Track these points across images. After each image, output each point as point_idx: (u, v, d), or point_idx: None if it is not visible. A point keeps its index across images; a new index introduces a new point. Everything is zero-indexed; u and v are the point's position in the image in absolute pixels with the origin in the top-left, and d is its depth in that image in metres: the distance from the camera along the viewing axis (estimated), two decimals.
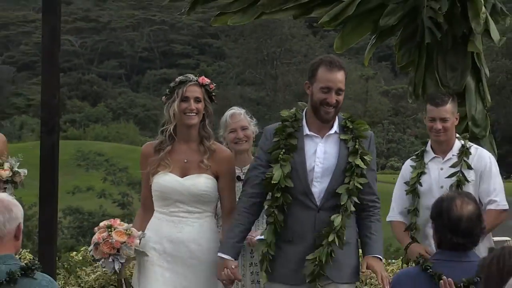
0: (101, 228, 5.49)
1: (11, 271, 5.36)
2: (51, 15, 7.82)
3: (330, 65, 5.63)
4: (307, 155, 5.70)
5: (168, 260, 5.78)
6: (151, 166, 5.89)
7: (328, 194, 5.69)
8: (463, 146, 7.02)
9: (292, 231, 5.70)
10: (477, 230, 5.41)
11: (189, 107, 5.79)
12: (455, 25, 7.08)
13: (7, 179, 7.14)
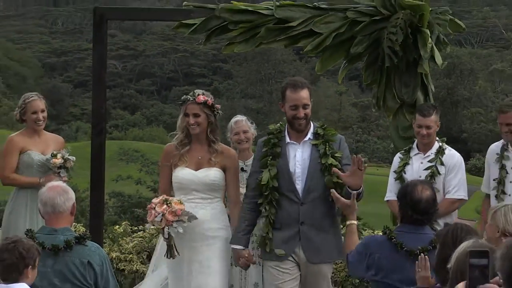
0: (158, 203, 5.42)
1: (68, 239, 5.43)
2: (100, 45, 7.83)
3: (294, 87, 5.61)
4: (290, 159, 5.65)
5: (186, 238, 5.68)
6: (174, 159, 5.86)
7: (307, 190, 5.63)
8: (440, 147, 7.04)
9: (281, 221, 5.62)
10: (432, 210, 5.45)
11: (189, 122, 5.77)
12: (408, 52, 7.08)
13: (60, 165, 7.21)
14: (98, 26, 7.91)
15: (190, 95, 5.93)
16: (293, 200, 5.60)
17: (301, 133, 5.63)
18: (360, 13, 7.20)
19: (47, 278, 5.38)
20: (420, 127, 6.85)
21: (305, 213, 5.56)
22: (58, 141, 7.64)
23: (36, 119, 7.37)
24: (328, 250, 5.60)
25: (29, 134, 7.44)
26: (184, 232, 5.49)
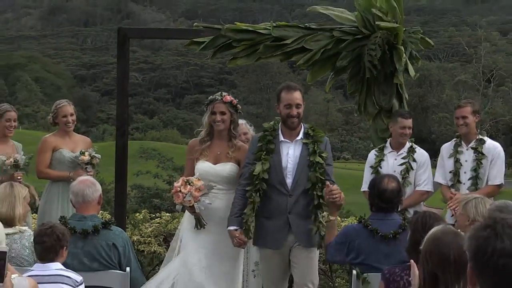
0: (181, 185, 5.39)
1: (95, 225, 5.48)
2: (123, 60, 7.82)
3: (288, 88, 5.60)
4: (282, 156, 5.58)
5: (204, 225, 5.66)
6: (196, 153, 5.81)
7: (296, 183, 5.57)
8: (411, 146, 7.10)
9: (271, 210, 5.55)
10: (396, 200, 5.49)
11: (216, 119, 5.73)
12: (386, 65, 7.08)
13: (88, 162, 7.22)
14: (122, 43, 7.91)
15: (217, 95, 5.93)
16: (282, 192, 5.53)
17: (294, 132, 5.58)
18: (344, 33, 7.21)
19: (78, 258, 5.42)
20: (404, 128, 6.96)
21: (292, 204, 5.50)
22: (86, 141, 7.65)
23: (66, 122, 7.37)
24: (314, 235, 5.51)
25: (61, 135, 7.44)
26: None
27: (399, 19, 7.12)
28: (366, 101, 7.39)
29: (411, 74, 7.26)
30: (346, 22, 7.31)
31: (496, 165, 7.01)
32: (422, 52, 7.59)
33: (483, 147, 6.99)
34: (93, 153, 7.29)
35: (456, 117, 7.17)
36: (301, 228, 5.49)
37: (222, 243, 5.64)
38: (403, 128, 6.96)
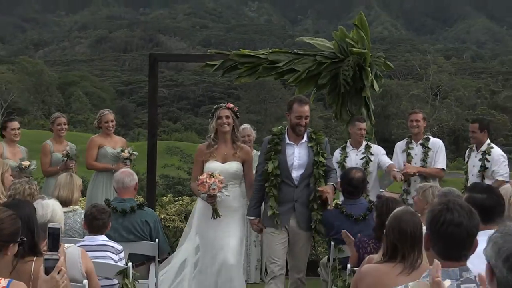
0: (206, 177, 5.21)
1: (132, 206, 5.49)
2: (153, 78, 7.82)
3: (300, 102, 5.43)
4: (287, 155, 5.44)
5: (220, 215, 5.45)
6: (205, 156, 5.62)
7: (302, 178, 5.45)
8: (367, 144, 7.15)
9: (280, 199, 5.42)
10: (361, 185, 5.61)
11: (222, 122, 5.55)
12: (356, 82, 7.08)
13: (127, 158, 7.22)
14: (152, 65, 7.91)
15: (221, 103, 5.75)
16: (289, 184, 5.41)
17: (299, 137, 5.46)
18: (324, 57, 7.21)
19: (118, 232, 5.42)
20: (360, 130, 7.04)
21: (298, 194, 5.40)
22: (123, 141, 7.69)
23: (107, 126, 7.38)
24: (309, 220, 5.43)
25: (104, 136, 7.44)
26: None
27: (367, 47, 7.12)
28: (341, 110, 7.40)
29: (376, 89, 7.27)
30: (326, 49, 7.30)
31: (440, 155, 7.19)
32: (384, 72, 7.58)
33: (429, 143, 7.20)
34: (131, 151, 7.32)
35: (410, 120, 7.38)
36: (303, 214, 5.40)
37: (230, 224, 5.50)
38: (360, 130, 7.03)
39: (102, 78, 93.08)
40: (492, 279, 2.18)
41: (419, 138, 7.22)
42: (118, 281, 4.71)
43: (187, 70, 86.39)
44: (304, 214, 5.41)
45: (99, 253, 4.77)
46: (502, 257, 2.12)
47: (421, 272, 3.19)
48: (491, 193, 3.60)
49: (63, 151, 7.24)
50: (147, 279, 5.40)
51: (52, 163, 7.27)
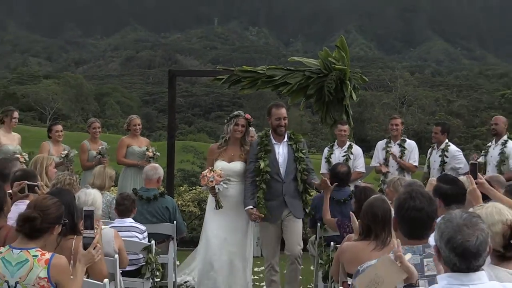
0: (207, 172, 5.01)
1: (155, 194, 5.49)
2: (172, 90, 7.82)
3: (277, 106, 5.24)
4: (275, 154, 5.18)
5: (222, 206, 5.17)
6: (215, 155, 5.34)
7: (287, 173, 5.14)
8: (350, 144, 7.13)
9: (270, 194, 5.11)
10: (346, 178, 5.53)
11: (238, 129, 5.25)
12: (338, 93, 7.05)
13: (151, 156, 7.17)
14: (171, 79, 7.90)
15: (241, 112, 5.44)
16: (278, 180, 5.08)
17: (281, 137, 5.21)
18: (312, 72, 7.18)
19: (143, 215, 5.40)
20: (341, 131, 7.07)
21: (286, 188, 5.13)
22: (147, 141, 7.63)
23: (134, 129, 7.36)
24: (301, 209, 5.20)
25: (132, 137, 7.40)
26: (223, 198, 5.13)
27: (346, 64, 7.09)
28: (326, 116, 7.36)
29: (354, 99, 7.23)
30: (313, 66, 7.27)
31: (414, 154, 7.23)
32: (361, 84, 7.55)
33: (405, 143, 7.25)
34: (155, 151, 7.30)
35: (391, 124, 7.47)
36: (293, 204, 5.14)
37: (236, 220, 5.26)
38: (340, 131, 7.08)
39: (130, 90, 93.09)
40: (439, 258, 2.22)
41: (397, 139, 7.28)
42: (143, 255, 4.72)
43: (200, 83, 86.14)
44: (294, 204, 5.13)
45: (127, 233, 4.77)
46: (444, 240, 2.15)
47: (391, 248, 3.18)
48: (455, 184, 3.57)
49: (97, 149, 7.25)
50: (167, 254, 5.39)
51: (89, 159, 7.25)
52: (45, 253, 2.89)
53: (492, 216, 2.57)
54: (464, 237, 2.11)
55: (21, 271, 2.79)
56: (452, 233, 2.13)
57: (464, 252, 2.11)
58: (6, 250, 2.86)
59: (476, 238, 2.11)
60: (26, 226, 2.85)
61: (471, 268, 2.13)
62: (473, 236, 2.11)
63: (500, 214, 2.58)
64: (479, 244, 2.11)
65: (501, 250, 2.56)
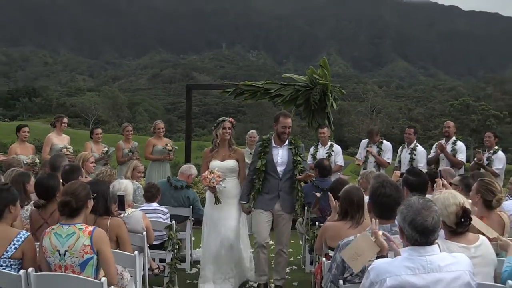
0: (208, 173, 4.61)
1: (182, 185, 5.50)
2: (189, 101, 7.79)
3: (284, 115, 4.82)
4: (274, 155, 4.73)
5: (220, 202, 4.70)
6: (209, 158, 4.86)
7: (284, 172, 4.67)
8: (331, 144, 7.12)
9: (268, 188, 4.67)
10: (326, 171, 5.53)
11: (226, 132, 4.84)
12: (321, 103, 7.01)
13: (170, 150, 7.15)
14: (188, 92, 7.87)
15: (225, 117, 5.02)
16: (275, 177, 4.67)
17: (282, 142, 4.81)
18: (300, 86, 7.13)
19: (169, 199, 5.39)
20: (320, 133, 7.10)
21: (282, 185, 4.72)
22: (169, 140, 7.50)
23: (159, 132, 7.34)
24: (292, 205, 4.76)
25: (157, 138, 7.35)
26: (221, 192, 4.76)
27: (328, 80, 7.05)
28: (312, 121, 7.30)
29: (334, 107, 7.18)
30: (301, 81, 7.22)
31: (389, 153, 7.20)
32: (339, 96, 7.50)
33: (382, 145, 7.21)
34: (172, 145, 7.25)
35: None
36: (285, 199, 4.68)
37: (230, 210, 4.83)
38: (320, 133, 7.10)
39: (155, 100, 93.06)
40: (403, 237, 2.27)
41: (376, 141, 7.24)
42: (166, 232, 4.69)
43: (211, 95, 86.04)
44: (287, 200, 4.70)
45: (153, 214, 4.76)
46: (407, 221, 2.20)
47: (364, 227, 3.19)
48: (419, 176, 3.53)
49: (129, 148, 7.21)
50: (185, 231, 5.37)
51: (123, 155, 7.20)
52: (88, 226, 2.91)
53: (448, 200, 2.60)
54: (423, 218, 2.15)
55: (69, 241, 2.80)
56: (413, 216, 2.18)
57: (424, 230, 2.15)
58: (57, 226, 2.87)
59: (432, 218, 2.16)
60: (66, 209, 2.86)
61: (428, 242, 2.18)
62: (430, 216, 2.15)
63: (454, 198, 2.62)
64: (435, 223, 2.16)
65: (454, 226, 2.59)
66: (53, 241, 2.81)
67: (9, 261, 2.76)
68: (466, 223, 2.58)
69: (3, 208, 2.80)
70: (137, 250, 3.54)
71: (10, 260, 2.77)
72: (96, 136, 7.15)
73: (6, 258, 2.76)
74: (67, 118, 7.35)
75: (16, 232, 2.82)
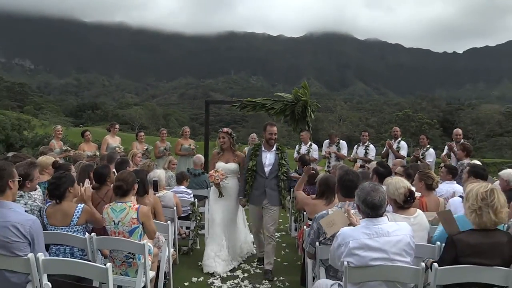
0: (214, 171, 4.14)
1: (198, 172, 5.40)
2: (207, 112, 7.73)
3: (271, 124, 4.25)
4: (262, 158, 4.10)
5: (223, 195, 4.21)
6: (216, 160, 4.28)
7: (270, 172, 4.05)
8: (310, 144, 7.06)
9: (257, 186, 4.06)
10: (308, 162, 5.51)
11: (220, 141, 4.29)
12: (303, 114, 6.94)
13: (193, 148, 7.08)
14: (207, 106, 7.72)
15: (221, 129, 4.46)
16: (263, 176, 4.06)
17: (270, 147, 4.16)
18: (288, 101, 7.01)
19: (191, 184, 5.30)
20: (302, 136, 7.06)
21: (267, 183, 4.05)
22: (193, 141, 7.47)
23: (185, 134, 7.34)
24: (278, 199, 4.06)
25: (183, 139, 7.33)
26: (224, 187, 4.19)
27: (308, 97, 6.97)
28: (296, 127, 7.15)
29: (312, 117, 7.08)
30: (288, 98, 7.15)
31: (345, 149, 7.12)
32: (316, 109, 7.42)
33: (340, 144, 7.13)
34: (194, 144, 7.20)
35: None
36: (271, 195, 4.05)
37: (230, 204, 4.24)
38: (302, 136, 7.05)
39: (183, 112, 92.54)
40: (360, 211, 2.26)
41: (335, 141, 7.21)
42: (190, 208, 4.68)
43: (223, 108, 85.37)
44: (272, 195, 4.06)
45: (181, 195, 4.74)
46: (361, 200, 2.22)
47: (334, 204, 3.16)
48: (386, 168, 3.54)
49: (164, 146, 7.15)
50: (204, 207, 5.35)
51: (159, 152, 7.16)
52: (135, 204, 2.93)
53: (398, 183, 2.64)
54: (372, 197, 2.16)
55: (121, 214, 2.82)
56: (365, 196, 2.19)
57: (373, 206, 2.17)
58: (113, 203, 2.90)
59: (379, 197, 2.16)
60: (119, 191, 2.89)
61: (378, 215, 2.18)
62: (377, 196, 2.16)
63: (402, 182, 2.65)
64: (381, 200, 2.17)
65: (402, 203, 2.60)
66: (110, 214, 2.85)
67: (76, 227, 2.77)
68: (411, 200, 2.59)
69: (65, 190, 2.78)
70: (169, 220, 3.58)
71: (76, 227, 2.77)
72: (140, 138, 7.14)
73: (73, 225, 2.77)
74: (118, 124, 7.38)
75: (75, 206, 2.81)
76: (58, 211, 2.75)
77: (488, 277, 1.94)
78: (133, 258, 2.81)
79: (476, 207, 2.02)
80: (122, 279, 2.77)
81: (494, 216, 1.99)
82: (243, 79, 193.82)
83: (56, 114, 45.52)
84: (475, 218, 2.03)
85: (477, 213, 2.02)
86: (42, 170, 3.52)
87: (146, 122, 71.02)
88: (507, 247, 1.98)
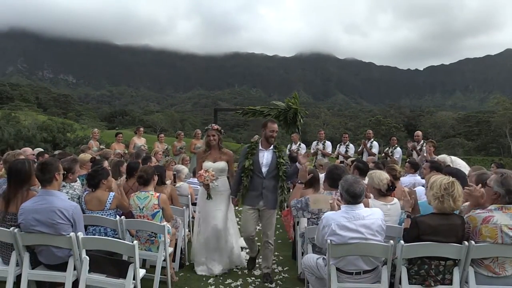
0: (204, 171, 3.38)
1: None
2: (215, 117, 7.68)
3: (272, 122, 3.48)
4: (259, 157, 3.30)
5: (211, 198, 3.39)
6: (203, 158, 3.45)
7: (268, 172, 3.25)
8: (299, 143, 6.93)
9: (253, 186, 3.24)
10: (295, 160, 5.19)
11: (210, 138, 3.45)
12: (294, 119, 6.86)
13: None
14: (215, 113, 7.53)
15: (209, 126, 3.59)
16: (260, 176, 3.25)
17: (269, 145, 3.48)
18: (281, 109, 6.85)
19: None
20: (292, 137, 6.93)
21: (265, 183, 3.23)
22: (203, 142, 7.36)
23: (198, 136, 7.30)
24: (275, 202, 3.37)
25: (196, 139, 7.23)
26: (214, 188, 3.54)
27: (298, 105, 6.91)
28: (288, 130, 7.09)
29: (301, 122, 7.03)
30: (282, 106, 7.09)
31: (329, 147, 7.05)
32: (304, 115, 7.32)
33: (325, 143, 7.12)
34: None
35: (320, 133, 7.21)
36: (269, 197, 3.24)
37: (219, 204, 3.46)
38: (293, 137, 6.92)
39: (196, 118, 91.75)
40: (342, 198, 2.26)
41: (322, 140, 7.18)
42: None
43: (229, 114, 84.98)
44: (270, 197, 3.26)
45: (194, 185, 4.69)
46: (344, 189, 2.20)
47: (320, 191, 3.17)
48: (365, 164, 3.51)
49: (180, 146, 7.13)
50: None
51: (176, 150, 7.14)
52: (156, 193, 2.92)
53: (381, 175, 2.61)
54: (354, 188, 2.18)
55: (145, 201, 2.84)
56: (348, 187, 2.20)
57: (354, 195, 2.18)
58: (138, 192, 2.92)
59: (359, 188, 2.18)
60: (141, 180, 2.92)
61: (357, 202, 2.19)
62: (358, 187, 2.18)
63: (384, 174, 2.65)
64: (361, 191, 2.18)
65: (384, 191, 2.58)
66: (135, 201, 2.87)
67: (108, 211, 2.77)
68: (393, 189, 2.61)
69: (99, 181, 2.80)
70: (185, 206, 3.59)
71: (109, 211, 2.78)
72: (161, 138, 7.14)
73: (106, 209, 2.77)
74: (143, 128, 7.43)
75: (108, 194, 2.81)
76: (94, 198, 2.78)
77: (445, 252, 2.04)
78: (155, 236, 2.82)
79: (439, 195, 2.05)
80: (146, 254, 2.84)
81: (453, 203, 2.04)
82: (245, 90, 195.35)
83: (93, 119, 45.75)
84: (437, 204, 2.07)
85: (439, 200, 2.05)
86: (81, 165, 3.54)
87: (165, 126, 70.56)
88: (461, 228, 2.05)
